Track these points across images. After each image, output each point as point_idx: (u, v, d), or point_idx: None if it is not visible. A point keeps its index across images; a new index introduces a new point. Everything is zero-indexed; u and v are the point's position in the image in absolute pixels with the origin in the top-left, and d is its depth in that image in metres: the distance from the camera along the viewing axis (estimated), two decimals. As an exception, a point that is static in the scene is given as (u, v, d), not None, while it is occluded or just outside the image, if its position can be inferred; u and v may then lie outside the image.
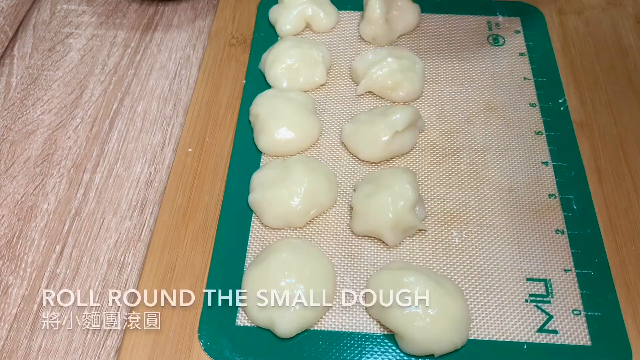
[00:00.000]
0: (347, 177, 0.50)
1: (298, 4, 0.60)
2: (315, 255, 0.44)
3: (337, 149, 0.52)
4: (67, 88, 0.58)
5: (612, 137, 0.52)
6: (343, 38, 0.61)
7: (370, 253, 0.46)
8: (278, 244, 0.45)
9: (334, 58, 0.58)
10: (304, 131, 0.51)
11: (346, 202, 0.49)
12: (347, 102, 0.55)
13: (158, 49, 0.62)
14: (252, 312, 0.42)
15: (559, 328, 0.42)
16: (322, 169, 0.49)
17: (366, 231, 0.46)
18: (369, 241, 0.46)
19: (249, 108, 0.53)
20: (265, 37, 0.60)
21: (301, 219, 0.46)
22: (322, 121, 0.54)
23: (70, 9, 0.66)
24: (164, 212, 0.48)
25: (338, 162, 0.51)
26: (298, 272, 0.42)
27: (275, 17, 0.61)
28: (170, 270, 0.45)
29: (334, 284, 0.44)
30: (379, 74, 0.54)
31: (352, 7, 0.63)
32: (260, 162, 0.51)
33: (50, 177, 0.52)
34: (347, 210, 0.48)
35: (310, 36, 0.61)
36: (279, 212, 0.46)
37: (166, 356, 0.41)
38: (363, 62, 0.56)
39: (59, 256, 0.47)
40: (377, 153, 0.50)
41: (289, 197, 0.46)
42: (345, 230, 0.47)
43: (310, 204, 0.46)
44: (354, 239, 0.46)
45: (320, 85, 0.56)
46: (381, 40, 0.59)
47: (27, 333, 0.44)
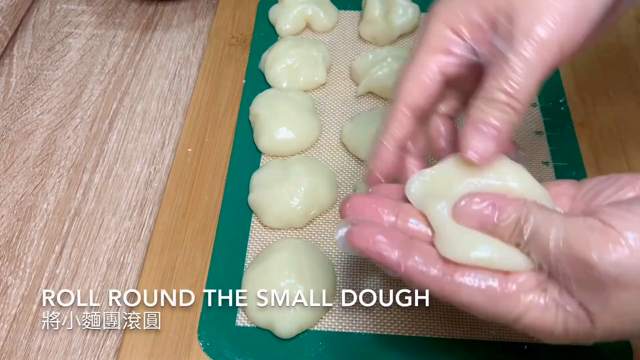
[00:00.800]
0: (347, 177, 0.50)
1: (298, 4, 0.60)
2: (315, 255, 0.44)
3: (337, 149, 0.52)
4: (67, 88, 0.58)
5: (612, 137, 0.52)
6: (343, 38, 0.61)
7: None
8: (278, 244, 0.45)
9: (334, 58, 0.58)
10: (304, 131, 0.51)
11: None
12: (347, 102, 0.55)
13: (158, 49, 0.62)
14: (252, 312, 0.42)
15: (560, 328, 0.42)
16: (322, 169, 0.49)
17: None
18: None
19: (249, 108, 0.53)
20: (265, 36, 0.60)
21: (301, 219, 0.46)
22: (322, 121, 0.53)
23: (69, 8, 0.65)
24: (163, 212, 0.48)
25: (338, 162, 0.51)
26: (298, 272, 0.42)
27: (275, 17, 0.61)
28: (170, 271, 0.45)
29: (334, 284, 0.43)
30: (379, 74, 0.54)
31: (352, 6, 0.63)
32: (260, 162, 0.51)
33: (49, 177, 0.52)
34: None
35: (310, 36, 0.61)
36: (279, 212, 0.46)
37: (166, 356, 0.41)
38: (363, 62, 0.56)
39: (58, 256, 0.47)
40: None
41: (289, 197, 0.46)
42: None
43: (310, 204, 0.46)
44: None
45: (320, 85, 0.56)
46: (381, 40, 0.59)
47: (26, 333, 0.44)
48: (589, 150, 0.51)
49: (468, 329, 0.42)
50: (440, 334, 0.42)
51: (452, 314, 0.42)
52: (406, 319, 0.42)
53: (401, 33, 0.60)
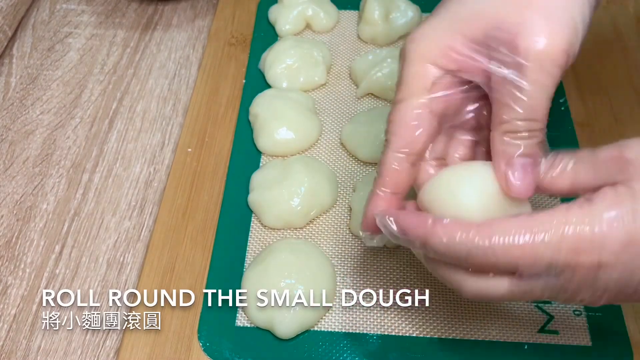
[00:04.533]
0: (347, 177, 0.50)
1: (298, 4, 0.60)
2: (315, 256, 0.44)
3: (337, 149, 0.52)
4: (67, 88, 0.58)
5: (613, 137, 0.52)
6: (343, 38, 0.61)
7: (370, 253, 0.45)
8: (278, 244, 0.45)
9: (334, 58, 0.58)
10: (304, 131, 0.51)
11: (346, 202, 0.48)
12: (347, 102, 0.55)
13: (157, 49, 0.62)
14: (252, 312, 0.42)
15: (560, 328, 0.42)
16: (322, 169, 0.49)
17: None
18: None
19: (249, 108, 0.53)
20: (265, 36, 0.60)
21: (301, 219, 0.46)
22: (322, 121, 0.53)
23: (69, 8, 0.65)
24: (163, 212, 0.48)
25: (338, 162, 0.51)
26: (298, 272, 0.42)
27: (275, 17, 0.61)
28: (170, 270, 0.45)
29: (334, 284, 0.43)
30: (378, 76, 0.54)
31: (352, 6, 0.63)
32: (260, 162, 0.51)
33: (49, 177, 0.52)
34: (347, 210, 0.48)
35: (310, 36, 0.61)
36: (279, 212, 0.46)
37: (166, 356, 0.41)
38: (363, 63, 0.55)
39: (58, 256, 0.47)
40: (377, 153, 0.50)
41: (289, 198, 0.46)
42: (345, 230, 0.47)
43: (310, 205, 0.46)
44: (354, 239, 0.46)
45: (321, 85, 0.56)
46: (381, 41, 0.59)
47: (26, 333, 0.44)
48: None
49: (468, 329, 0.42)
50: (440, 334, 0.42)
51: (452, 314, 0.42)
52: (406, 319, 0.42)
53: (402, 34, 0.59)
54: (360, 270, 0.45)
